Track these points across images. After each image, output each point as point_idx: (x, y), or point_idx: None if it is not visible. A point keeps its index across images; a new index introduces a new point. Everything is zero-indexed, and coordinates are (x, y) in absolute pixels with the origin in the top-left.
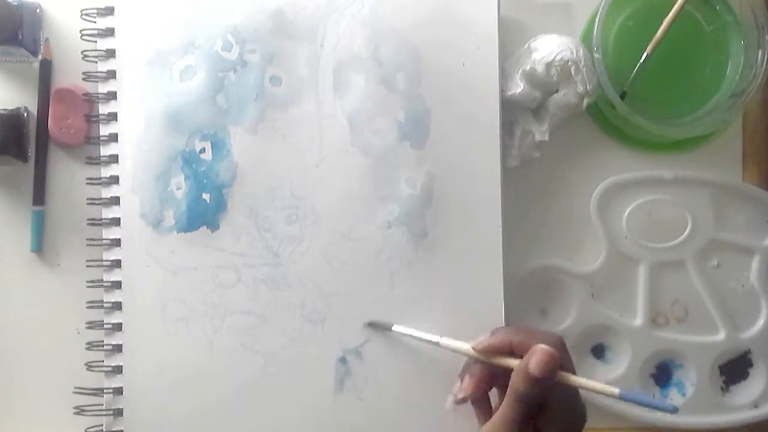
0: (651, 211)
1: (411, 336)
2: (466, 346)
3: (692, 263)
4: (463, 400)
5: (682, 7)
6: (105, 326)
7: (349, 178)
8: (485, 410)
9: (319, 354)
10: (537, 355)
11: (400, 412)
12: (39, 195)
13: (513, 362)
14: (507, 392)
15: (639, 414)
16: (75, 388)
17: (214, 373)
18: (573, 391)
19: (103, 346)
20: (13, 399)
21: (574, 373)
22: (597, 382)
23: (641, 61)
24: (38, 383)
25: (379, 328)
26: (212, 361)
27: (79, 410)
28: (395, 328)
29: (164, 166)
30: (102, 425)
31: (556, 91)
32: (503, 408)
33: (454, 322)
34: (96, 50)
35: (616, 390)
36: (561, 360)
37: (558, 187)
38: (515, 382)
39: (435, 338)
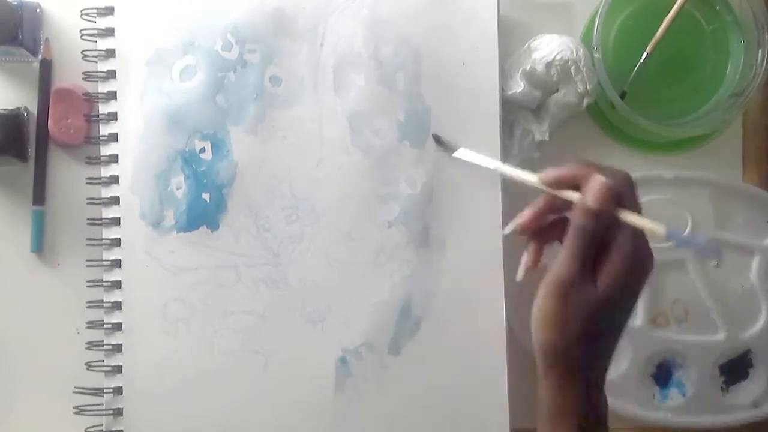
0: (651, 211)
1: (471, 162)
2: (530, 176)
3: (692, 263)
4: (522, 228)
5: (682, 7)
6: (105, 326)
7: (349, 178)
8: (539, 249)
9: (319, 354)
10: (595, 187)
11: (400, 412)
12: (39, 195)
13: (575, 195)
14: (569, 229)
15: (639, 414)
16: (75, 387)
17: (214, 373)
18: (636, 233)
19: (103, 345)
20: (13, 399)
21: (640, 213)
22: (646, 221)
23: (641, 60)
24: (38, 383)
25: (442, 144)
26: (212, 361)
27: (79, 410)
28: (457, 153)
29: (164, 165)
30: (102, 425)
31: (556, 91)
32: (564, 245)
33: (455, 322)
34: (96, 50)
35: (663, 229)
36: (623, 197)
37: None
38: (575, 215)
39: (494, 164)
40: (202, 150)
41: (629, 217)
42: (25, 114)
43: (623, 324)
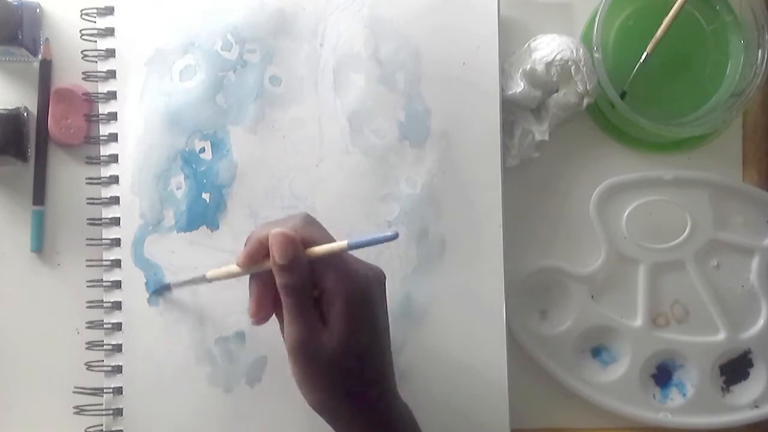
0: (651, 211)
1: (184, 283)
2: (231, 268)
3: (692, 264)
4: (259, 320)
5: (681, 7)
6: (105, 326)
7: (349, 178)
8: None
9: None
10: (273, 243)
11: None
12: (39, 195)
13: (269, 262)
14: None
15: (639, 414)
16: (75, 387)
17: (214, 372)
18: (338, 262)
19: (103, 345)
20: (13, 399)
21: (330, 241)
22: (330, 245)
23: (641, 60)
24: (38, 383)
25: (161, 291)
26: (212, 361)
27: (79, 410)
28: (173, 283)
29: (164, 165)
30: (102, 425)
31: (556, 91)
32: (283, 307)
33: (455, 322)
34: (96, 50)
35: (345, 243)
36: (306, 237)
37: (558, 187)
38: (276, 278)
39: (200, 274)
40: (202, 150)
41: (315, 251)
42: (25, 114)
43: (381, 345)
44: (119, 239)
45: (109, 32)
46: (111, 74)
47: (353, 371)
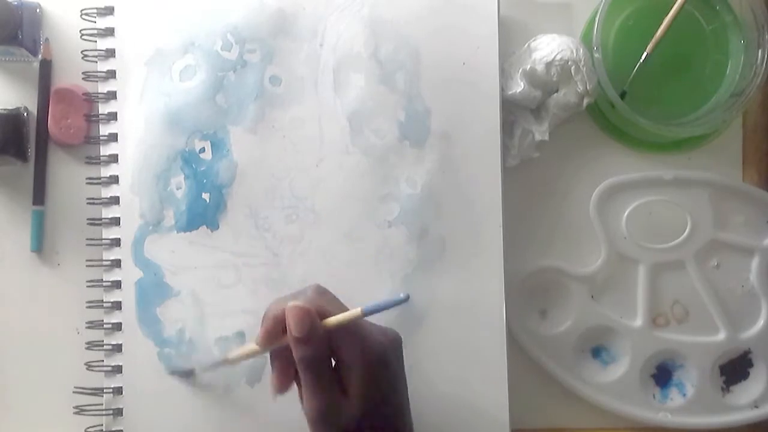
0: (651, 211)
1: (207, 368)
2: (251, 347)
3: (692, 264)
4: (282, 392)
5: (681, 7)
6: (105, 326)
7: (349, 178)
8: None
9: None
10: (289, 317)
11: None
12: (39, 195)
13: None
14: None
15: (639, 415)
16: (75, 387)
17: (214, 372)
18: (354, 330)
19: (102, 345)
20: (13, 399)
21: (343, 310)
22: (344, 314)
23: (641, 60)
24: (38, 383)
25: (184, 375)
26: (212, 360)
27: (79, 410)
28: (198, 370)
29: (164, 165)
30: (102, 425)
31: (556, 91)
32: (302, 380)
33: (455, 322)
34: (96, 50)
35: (359, 311)
36: (321, 306)
37: (558, 187)
38: (294, 351)
39: (221, 358)
40: (202, 150)
41: (331, 321)
42: (25, 114)
43: (402, 405)
44: (119, 239)
45: (109, 32)
46: (111, 74)
47: (377, 426)
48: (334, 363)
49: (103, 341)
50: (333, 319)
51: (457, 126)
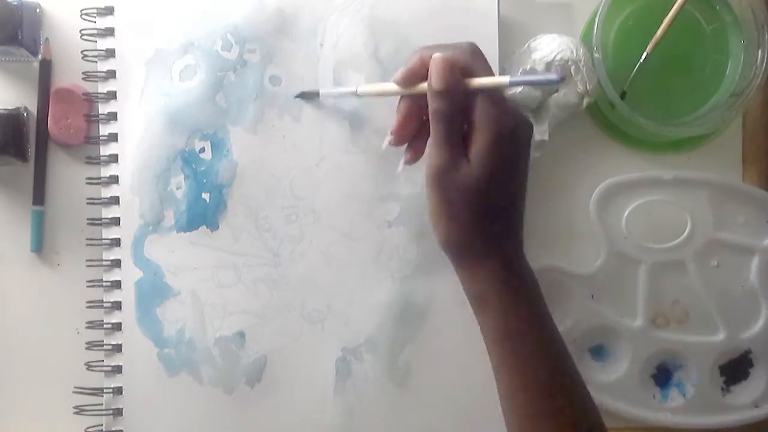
0: (651, 211)
1: (334, 94)
2: (386, 85)
3: (692, 264)
4: (396, 141)
5: (681, 7)
6: (105, 326)
7: (349, 178)
8: (419, 151)
9: (319, 354)
10: (434, 67)
11: (400, 412)
12: (39, 195)
13: (425, 84)
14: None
15: (639, 415)
16: (75, 387)
17: (213, 373)
18: (495, 99)
19: (102, 345)
20: (13, 399)
21: (489, 75)
22: (490, 78)
23: (641, 60)
24: (38, 383)
25: (308, 96)
26: (212, 361)
27: (79, 410)
28: (322, 91)
29: (164, 165)
30: (102, 425)
31: (556, 91)
32: (430, 132)
33: (455, 322)
34: (96, 50)
35: (506, 79)
36: (469, 66)
37: (558, 187)
38: (429, 101)
39: (352, 88)
40: (202, 150)
41: (475, 82)
42: (25, 114)
43: (518, 192)
44: (119, 239)
45: (109, 32)
46: (111, 74)
47: (488, 210)
48: (465, 128)
49: (103, 341)
50: (476, 81)
51: None
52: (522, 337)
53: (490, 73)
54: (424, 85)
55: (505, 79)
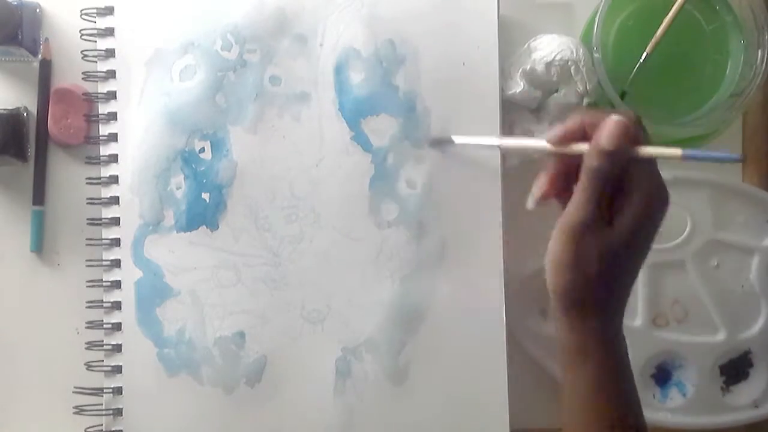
0: None
1: (472, 143)
2: (536, 142)
3: (692, 263)
4: (543, 198)
5: (681, 7)
6: (105, 326)
7: (349, 177)
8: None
9: (319, 354)
10: (608, 127)
11: (400, 412)
12: (39, 195)
13: (584, 146)
14: (581, 173)
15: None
16: (75, 387)
17: (213, 373)
18: (652, 171)
19: (102, 345)
20: (13, 399)
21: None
22: (663, 149)
23: (641, 60)
24: (38, 383)
25: (441, 143)
26: (212, 361)
27: (79, 410)
28: (456, 140)
29: (164, 165)
30: (102, 425)
31: (556, 91)
32: (578, 189)
33: (455, 322)
34: (96, 50)
35: (679, 151)
36: (635, 134)
37: None
38: (588, 160)
39: (495, 141)
40: (202, 150)
41: (647, 150)
42: (25, 114)
43: (639, 264)
44: (119, 239)
45: (109, 32)
46: (111, 74)
47: (617, 273)
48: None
49: (102, 341)
50: (649, 149)
51: (457, 126)
52: (613, 389)
53: (648, 143)
54: (579, 146)
55: (677, 152)
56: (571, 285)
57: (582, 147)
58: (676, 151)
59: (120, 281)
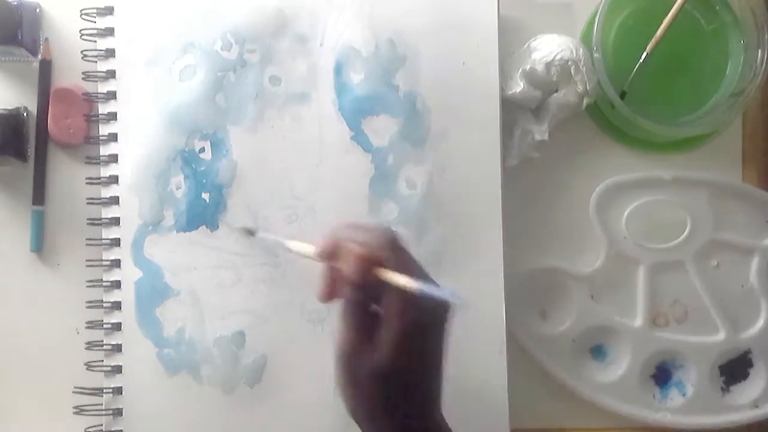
0: (650, 211)
1: (268, 240)
2: (309, 249)
3: (692, 264)
4: (329, 301)
5: (681, 7)
6: (105, 326)
7: (349, 177)
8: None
9: (318, 354)
10: (351, 261)
11: None
12: (39, 195)
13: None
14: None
15: (639, 414)
16: (75, 387)
17: (213, 373)
18: (404, 295)
19: (102, 345)
20: (13, 399)
21: (410, 265)
22: (400, 280)
23: (641, 60)
24: (38, 383)
25: (245, 233)
26: (211, 361)
27: (79, 410)
28: (259, 234)
29: (164, 165)
30: (102, 425)
31: (556, 91)
32: (341, 313)
33: (455, 322)
34: (95, 50)
35: (415, 286)
36: (382, 257)
37: (557, 187)
38: (342, 284)
39: (286, 242)
40: (202, 150)
41: (384, 275)
42: (25, 114)
43: (425, 374)
44: (119, 239)
45: (109, 32)
46: (111, 74)
47: (392, 393)
48: (377, 312)
49: (102, 341)
50: (387, 275)
51: (457, 126)
52: None
53: (408, 263)
54: (341, 263)
55: (412, 286)
56: (357, 409)
57: (342, 264)
58: (412, 285)
59: (120, 281)
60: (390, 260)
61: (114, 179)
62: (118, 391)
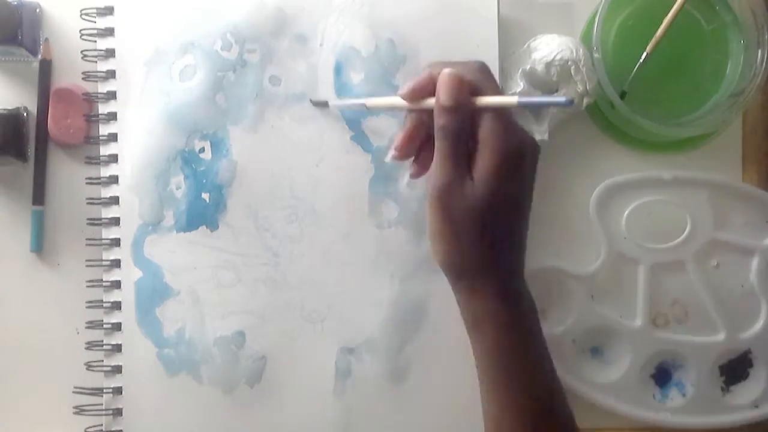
0: (650, 211)
1: (344, 105)
2: (394, 100)
3: (692, 264)
4: (402, 155)
5: (681, 7)
6: (104, 326)
7: (349, 178)
8: (425, 166)
9: (318, 354)
10: (442, 83)
11: (400, 411)
12: (39, 195)
13: (432, 100)
14: (435, 134)
15: (639, 414)
16: (75, 387)
17: (213, 373)
18: (501, 119)
19: (102, 345)
20: (13, 399)
21: (498, 95)
22: (499, 98)
23: (641, 60)
24: (38, 383)
25: (318, 104)
26: (211, 361)
27: (79, 410)
28: (331, 102)
29: (164, 165)
30: (102, 425)
31: (556, 91)
32: (435, 151)
33: (455, 322)
34: (95, 50)
35: (515, 98)
36: (477, 84)
37: (558, 187)
38: (435, 119)
39: (361, 100)
40: (202, 150)
41: (483, 100)
42: (25, 114)
43: (521, 214)
44: (119, 239)
45: (109, 32)
46: (111, 74)
47: (489, 231)
48: (471, 146)
49: (102, 341)
50: (485, 99)
51: None
52: (516, 358)
53: (498, 92)
54: (431, 101)
55: (513, 99)
56: (451, 253)
57: (430, 101)
58: (512, 99)
59: (120, 281)
60: (483, 86)
61: (114, 179)
62: (118, 391)
